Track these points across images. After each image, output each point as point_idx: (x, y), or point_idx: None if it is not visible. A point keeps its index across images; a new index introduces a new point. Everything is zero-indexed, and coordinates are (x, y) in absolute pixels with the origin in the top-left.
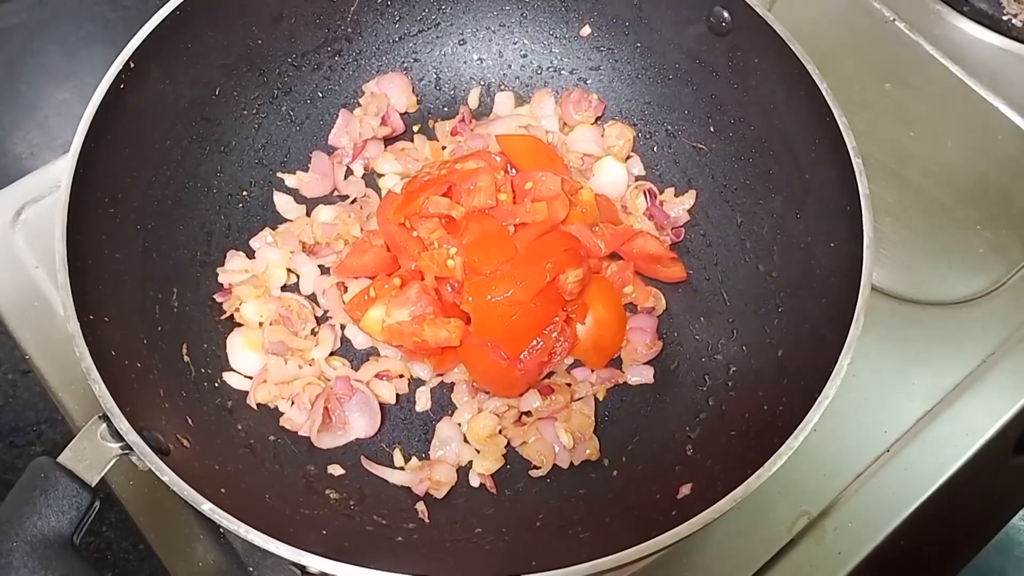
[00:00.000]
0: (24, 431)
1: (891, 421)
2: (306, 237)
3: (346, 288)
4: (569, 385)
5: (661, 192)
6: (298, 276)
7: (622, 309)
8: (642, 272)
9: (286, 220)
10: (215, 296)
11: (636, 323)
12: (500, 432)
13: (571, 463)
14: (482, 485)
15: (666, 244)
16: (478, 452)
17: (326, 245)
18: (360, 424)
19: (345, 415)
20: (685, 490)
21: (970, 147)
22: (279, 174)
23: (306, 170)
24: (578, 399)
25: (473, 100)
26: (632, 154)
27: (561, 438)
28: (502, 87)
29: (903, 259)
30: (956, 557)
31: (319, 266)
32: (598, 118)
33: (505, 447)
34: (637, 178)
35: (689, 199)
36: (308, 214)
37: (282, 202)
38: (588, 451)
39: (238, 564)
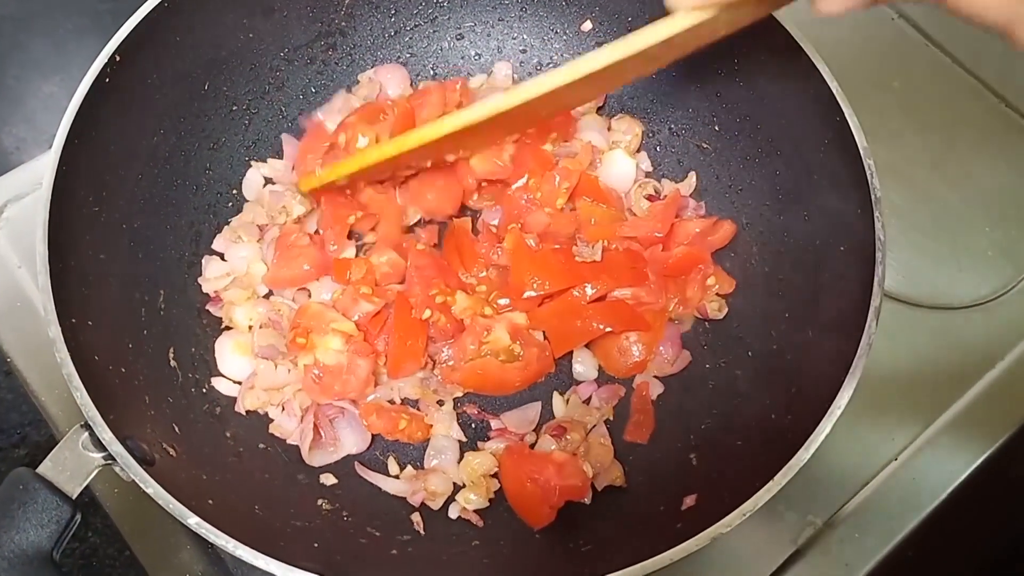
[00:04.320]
0: (7, 434)
1: (898, 429)
2: (260, 220)
3: None
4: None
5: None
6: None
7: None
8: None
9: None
10: (208, 308)
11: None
12: (495, 475)
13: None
14: None
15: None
16: (465, 486)
17: (271, 220)
18: (351, 440)
19: (335, 432)
20: (689, 501)
21: (979, 148)
22: (252, 162)
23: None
24: (591, 428)
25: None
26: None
27: (584, 469)
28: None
29: (910, 262)
30: (966, 569)
31: None
32: (600, 108)
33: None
34: (647, 174)
35: (688, 185)
36: None
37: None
38: (614, 477)
39: (225, 574)
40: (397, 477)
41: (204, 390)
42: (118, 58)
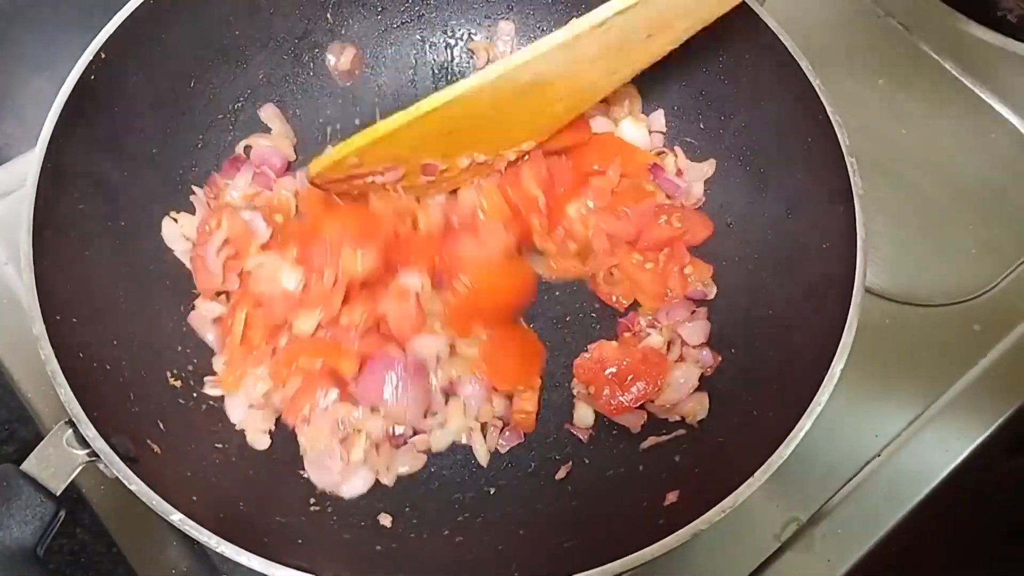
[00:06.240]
0: None
1: (881, 425)
2: None
3: None
4: None
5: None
6: None
7: None
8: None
9: None
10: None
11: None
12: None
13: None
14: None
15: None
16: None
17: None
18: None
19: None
20: (671, 498)
21: (964, 145)
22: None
23: None
24: None
25: None
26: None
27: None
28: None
29: (894, 258)
30: (948, 564)
31: None
32: None
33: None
34: (664, 136)
35: (709, 167)
36: None
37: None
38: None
39: (211, 570)
40: None
41: (189, 388)
42: (104, 55)
